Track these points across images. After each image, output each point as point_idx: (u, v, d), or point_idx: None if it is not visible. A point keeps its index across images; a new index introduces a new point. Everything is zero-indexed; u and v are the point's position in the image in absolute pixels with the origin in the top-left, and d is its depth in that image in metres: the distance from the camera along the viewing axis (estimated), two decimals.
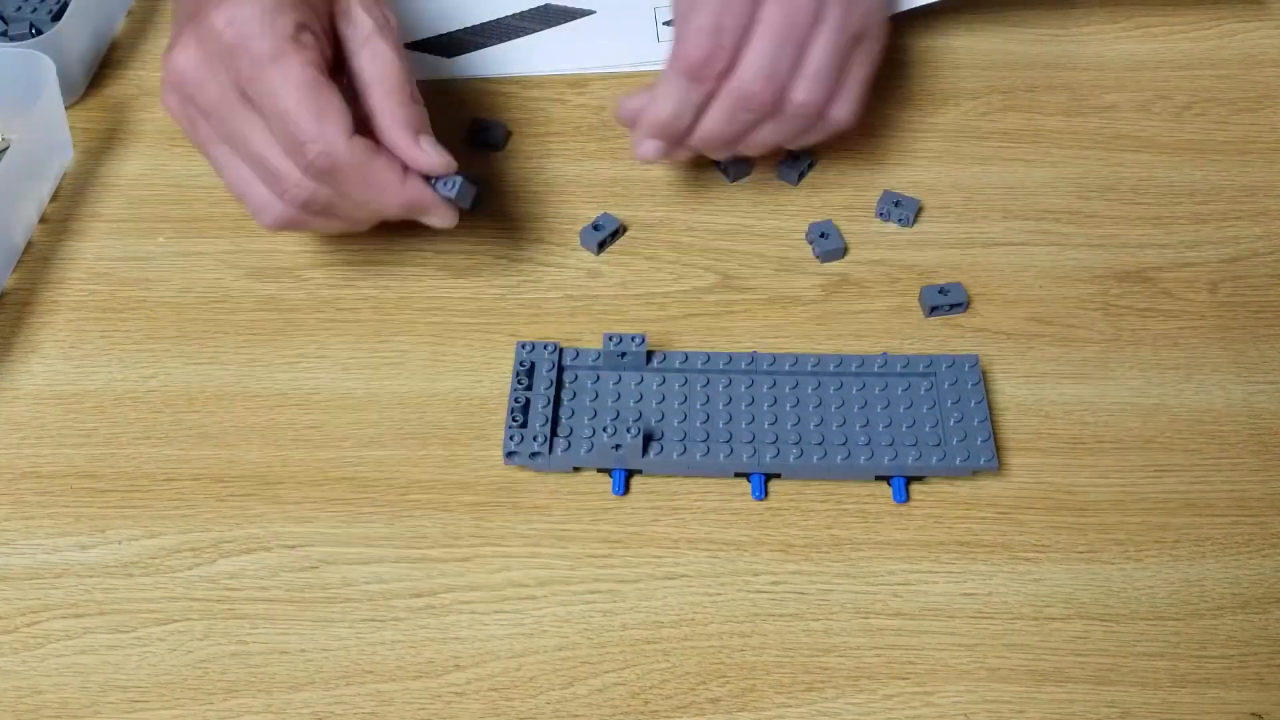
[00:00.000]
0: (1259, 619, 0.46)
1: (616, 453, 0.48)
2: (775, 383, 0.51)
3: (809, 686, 0.44)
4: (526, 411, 0.50)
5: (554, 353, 0.51)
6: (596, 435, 0.49)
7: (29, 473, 0.50)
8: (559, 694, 0.44)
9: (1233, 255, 0.57)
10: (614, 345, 0.51)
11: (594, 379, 0.51)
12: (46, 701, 0.44)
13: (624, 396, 0.51)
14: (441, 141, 0.50)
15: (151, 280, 0.57)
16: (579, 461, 0.49)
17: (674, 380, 0.51)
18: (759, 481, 0.49)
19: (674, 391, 0.51)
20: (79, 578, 0.47)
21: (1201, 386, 0.52)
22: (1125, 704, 0.44)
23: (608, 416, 0.50)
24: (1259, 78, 0.65)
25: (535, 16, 0.69)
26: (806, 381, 0.51)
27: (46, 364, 0.54)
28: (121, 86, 0.65)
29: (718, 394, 0.51)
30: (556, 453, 0.49)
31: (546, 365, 0.51)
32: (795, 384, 0.51)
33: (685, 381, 0.51)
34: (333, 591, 0.47)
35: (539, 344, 0.51)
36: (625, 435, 0.48)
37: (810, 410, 0.50)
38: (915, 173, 0.61)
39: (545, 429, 0.49)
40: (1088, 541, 0.48)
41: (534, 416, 0.50)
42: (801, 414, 0.50)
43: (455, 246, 0.58)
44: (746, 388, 0.51)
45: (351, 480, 0.50)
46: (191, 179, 0.61)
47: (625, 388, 0.51)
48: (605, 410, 0.50)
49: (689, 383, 0.51)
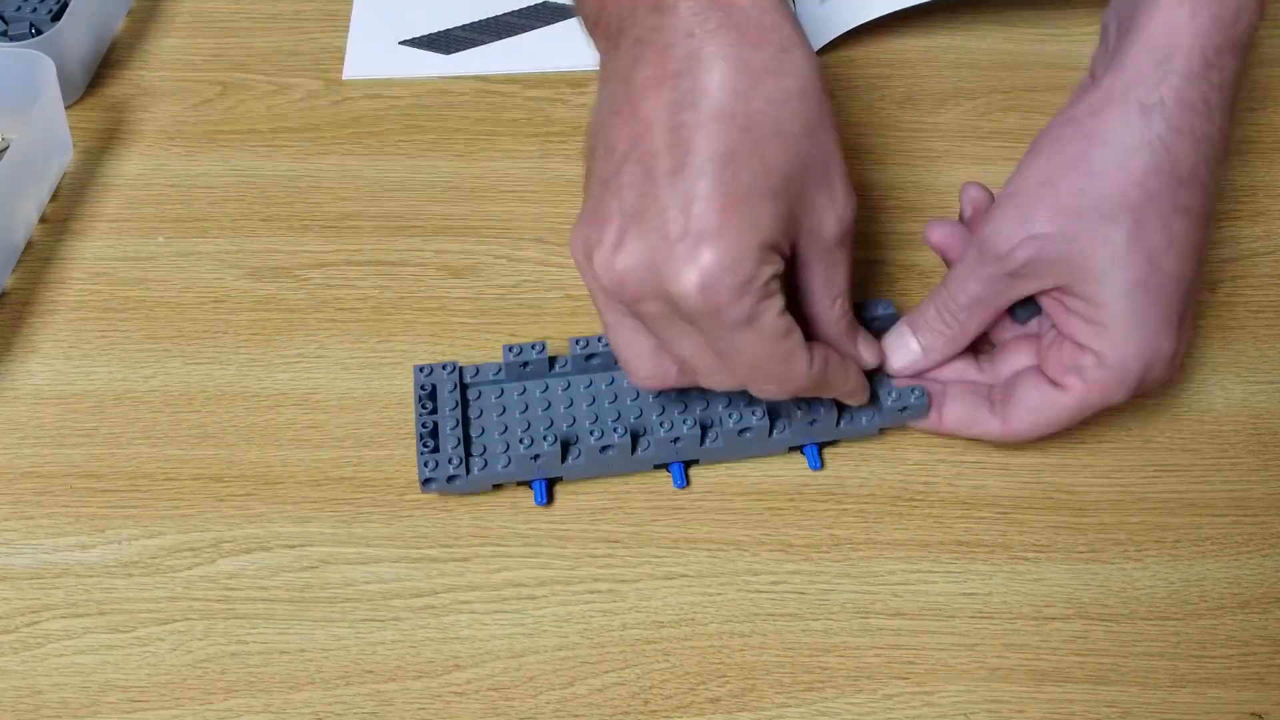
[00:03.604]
0: (1259, 619, 0.46)
1: (536, 463, 0.47)
2: None
3: (809, 686, 0.44)
4: (436, 436, 0.48)
5: (453, 372, 0.50)
6: (513, 449, 0.48)
7: (29, 473, 0.50)
8: (559, 694, 0.44)
9: (1233, 255, 0.57)
10: (515, 355, 0.50)
11: (498, 393, 0.50)
12: (46, 701, 0.44)
13: (532, 406, 0.50)
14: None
15: (151, 280, 0.57)
16: (498, 478, 0.48)
17: (579, 383, 0.50)
18: (679, 470, 0.49)
19: (580, 394, 0.50)
20: (79, 578, 0.47)
21: (1201, 386, 0.52)
22: (1125, 704, 0.44)
23: (519, 428, 0.49)
24: (1259, 78, 0.65)
25: (533, 14, 0.69)
26: None
27: (46, 364, 0.54)
28: (121, 86, 0.65)
29: (624, 390, 0.50)
30: (474, 472, 0.47)
31: (448, 386, 0.49)
32: None
33: (590, 383, 0.50)
34: (333, 591, 0.47)
35: (436, 365, 0.50)
36: (543, 444, 0.47)
37: (715, 392, 0.47)
38: (915, 173, 0.61)
39: (459, 450, 0.48)
40: (1088, 541, 0.48)
41: (444, 439, 0.48)
42: (709, 395, 0.49)
43: (455, 246, 0.58)
44: None
45: (351, 480, 0.50)
46: (191, 179, 0.61)
47: (531, 397, 0.50)
48: (515, 422, 0.49)
49: (594, 383, 0.50)
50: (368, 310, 0.55)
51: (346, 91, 0.65)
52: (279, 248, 0.58)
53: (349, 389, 0.53)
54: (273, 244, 0.58)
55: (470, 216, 0.59)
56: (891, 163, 0.61)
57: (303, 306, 0.56)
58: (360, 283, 0.56)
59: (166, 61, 0.67)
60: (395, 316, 0.55)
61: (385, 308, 0.56)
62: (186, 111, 0.64)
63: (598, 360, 0.50)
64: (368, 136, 0.63)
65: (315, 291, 0.56)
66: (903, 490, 0.49)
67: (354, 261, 0.57)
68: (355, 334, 0.55)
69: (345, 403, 0.52)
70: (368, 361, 0.54)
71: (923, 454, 0.50)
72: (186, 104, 0.64)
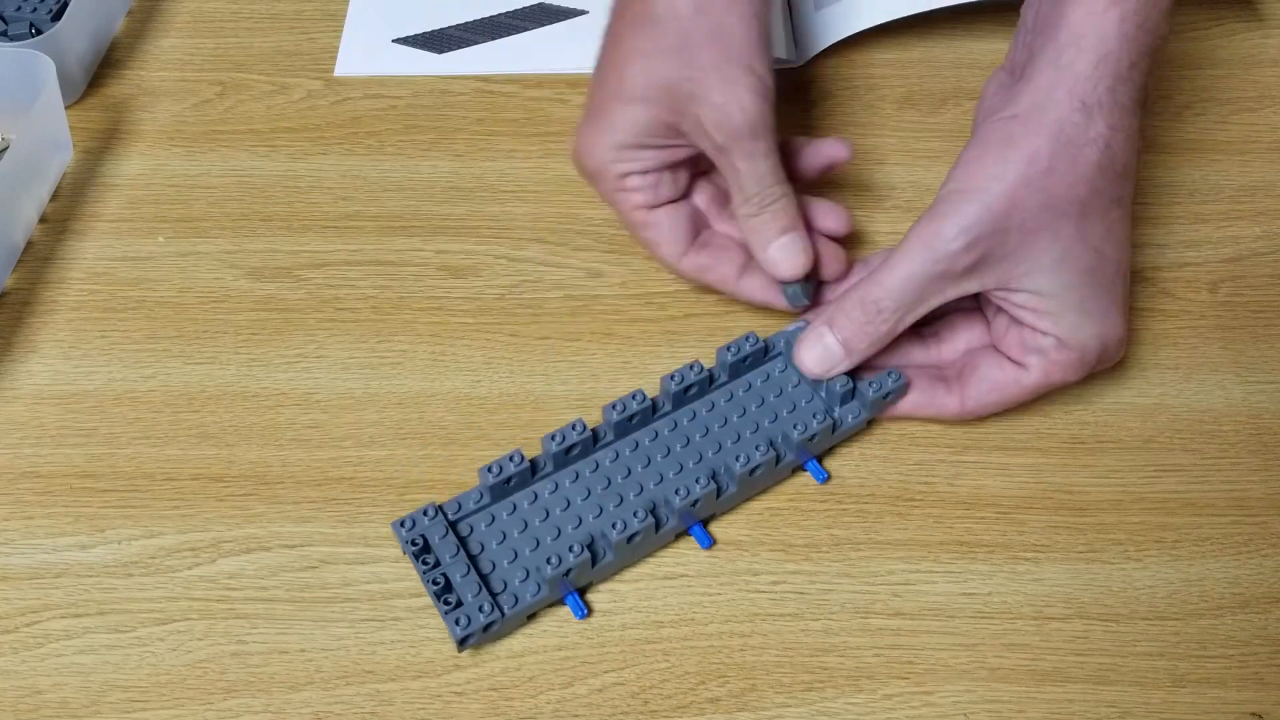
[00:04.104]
0: (1259, 619, 0.46)
1: (568, 578, 0.45)
2: (657, 434, 0.48)
3: (809, 686, 0.44)
4: (451, 589, 0.44)
5: (436, 516, 0.46)
6: (538, 571, 0.45)
7: (29, 473, 0.50)
8: (559, 694, 0.44)
9: (1233, 255, 0.57)
10: (495, 475, 0.46)
11: (489, 520, 0.46)
12: (46, 701, 0.44)
13: (531, 521, 0.46)
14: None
15: (151, 280, 0.57)
16: (532, 607, 0.45)
17: (564, 479, 0.47)
18: (700, 531, 0.47)
19: (572, 490, 0.47)
20: (79, 578, 0.47)
21: (1201, 386, 0.52)
22: (1125, 704, 0.44)
23: (528, 549, 0.46)
24: (1259, 78, 0.65)
25: (528, 15, 0.69)
26: (682, 416, 0.49)
27: (46, 364, 0.54)
28: (121, 86, 0.65)
29: (613, 470, 0.47)
30: (508, 613, 0.44)
31: (439, 532, 0.45)
32: (674, 425, 0.49)
33: (576, 477, 0.47)
34: (333, 591, 0.47)
35: (416, 515, 0.46)
36: (570, 556, 0.44)
37: (700, 440, 0.48)
38: (915, 173, 0.61)
39: (482, 595, 0.44)
40: (1088, 541, 0.48)
41: (462, 589, 0.44)
42: (700, 448, 0.48)
43: (455, 246, 0.58)
44: (633, 451, 0.48)
45: (351, 480, 0.50)
46: (191, 179, 0.61)
47: (525, 512, 0.47)
48: (523, 543, 0.46)
49: (581, 476, 0.47)
50: (368, 310, 0.55)
51: (346, 91, 0.65)
52: (279, 248, 0.58)
53: (349, 389, 0.53)
54: (273, 244, 0.58)
55: (470, 216, 0.59)
56: (891, 163, 0.61)
57: (302, 306, 0.56)
58: (360, 283, 0.56)
59: (166, 61, 0.67)
60: (395, 316, 0.55)
61: (385, 308, 0.56)
62: (186, 111, 0.64)
63: (577, 450, 0.47)
64: (367, 136, 0.63)
65: (315, 291, 0.56)
66: (903, 490, 0.49)
67: (354, 261, 0.57)
68: (355, 334, 0.55)
69: (345, 403, 0.52)
70: (368, 361, 0.54)
71: (923, 454, 0.50)
72: (186, 104, 0.64)
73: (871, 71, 0.66)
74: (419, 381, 0.53)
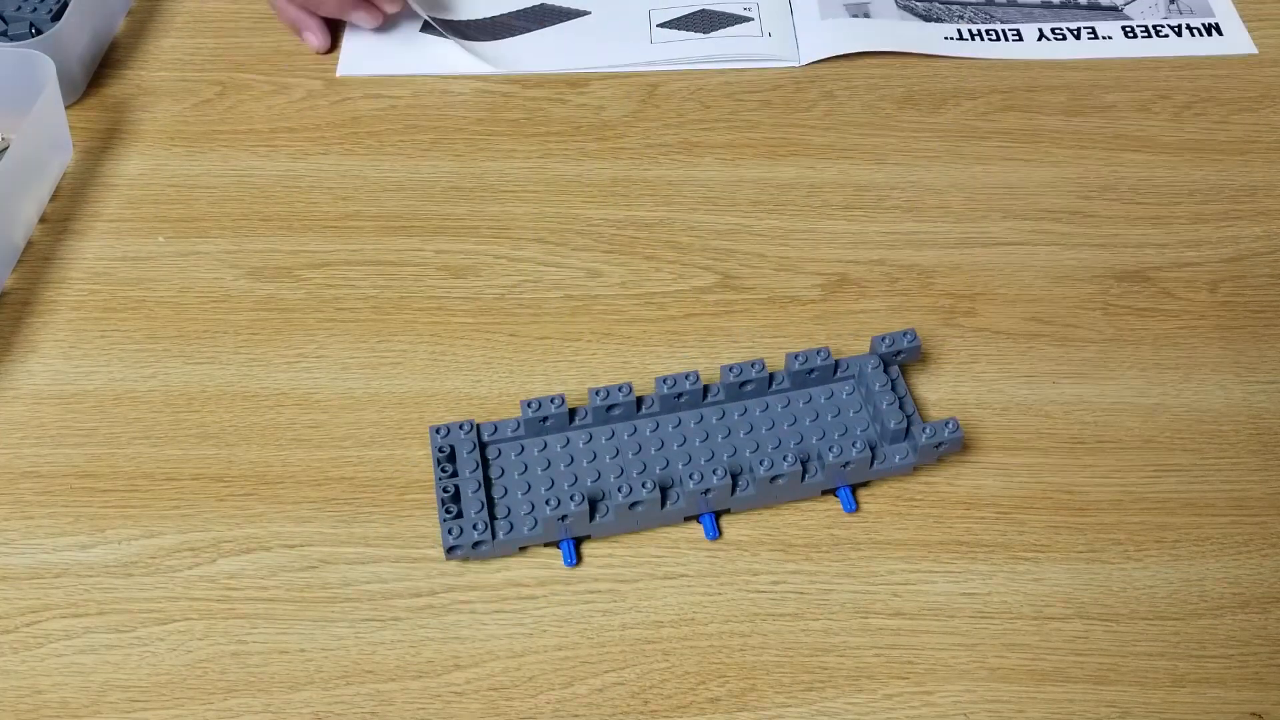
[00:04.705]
0: (1259, 619, 0.46)
1: (563, 523, 0.46)
2: (702, 417, 0.49)
3: (809, 686, 0.44)
4: (458, 500, 0.47)
5: (471, 431, 0.48)
6: (538, 509, 0.47)
7: (29, 473, 0.50)
8: (559, 694, 0.44)
9: (1233, 255, 0.57)
10: (534, 411, 0.48)
11: (518, 450, 0.48)
12: (46, 701, 0.44)
13: (554, 463, 0.48)
14: None
15: (151, 280, 0.57)
16: (524, 541, 0.46)
17: (600, 435, 0.49)
18: (710, 522, 0.48)
19: (604, 447, 0.48)
20: (79, 578, 0.47)
21: (1201, 386, 0.52)
22: (1125, 703, 0.44)
23: (542, 487, 0.47)
24: (1259, 78, 0.65)
25: (530, 15, 0.69)
26: (733, 409, 0.49)
27: (46, 364, 0.54)
28: (121, 86, 0.65)
29: (648, 440, 0.49)
30: (500, 537, 0.46)
31: (467, 446, 0.48)
32: (722, 415, 0.49)
33: (612, 434, 0.49)
34: (333, 591, 0.47)
35: (453, 425, 0.48)
36: (570, 503, 0.46)
37: (742, 437, 0.49)
38: (915, 173, 0.61)
39: (483, 515, 0.46)
40: (1088, 541, 0.48)
41: (467, 503, 0.47)
42: (736, 443, 0.49)
43: (455, 246, 0.58)
44: (674, 427, 0.49)
45: (351, 480, 0.50)
46: (191, 179, 0.61)
47: (553, 453, 0.48)
48: (539, 481, 0.48)
49: (616, 435, 0.49)
50: (368, 310, 0.55)
51: (346, 91, 0.65)
52: (279, 248, 0.58)
53: (349, 389, 0.53)
54: (272, 244, 0.58)
55: (470, 216, 0.59)
56: (891, 163, 0.61)
57: (302, 306, 0.56)
58: (360, 283, 0.56)
59: (166, 61, 0.67)
60: (395, 316, 0.55)
61: (385, 308, 0.56)
62: (186, 111, 0.64)
63: (619, 411, 0.49)
64: (367, 136, 0.63)
65: (315, 291, 0.56)
66: (903, 490, 0.49)
67: (354, 261, 0.57)
68: (355, 334, 0.55)
69: (345, 403, 0.52)
70: (368, 361, 0.54)
71: None
72: (186, 104, 0.64)
73: (871, 71, 0.66)
74: (419, 381, 0.53)
